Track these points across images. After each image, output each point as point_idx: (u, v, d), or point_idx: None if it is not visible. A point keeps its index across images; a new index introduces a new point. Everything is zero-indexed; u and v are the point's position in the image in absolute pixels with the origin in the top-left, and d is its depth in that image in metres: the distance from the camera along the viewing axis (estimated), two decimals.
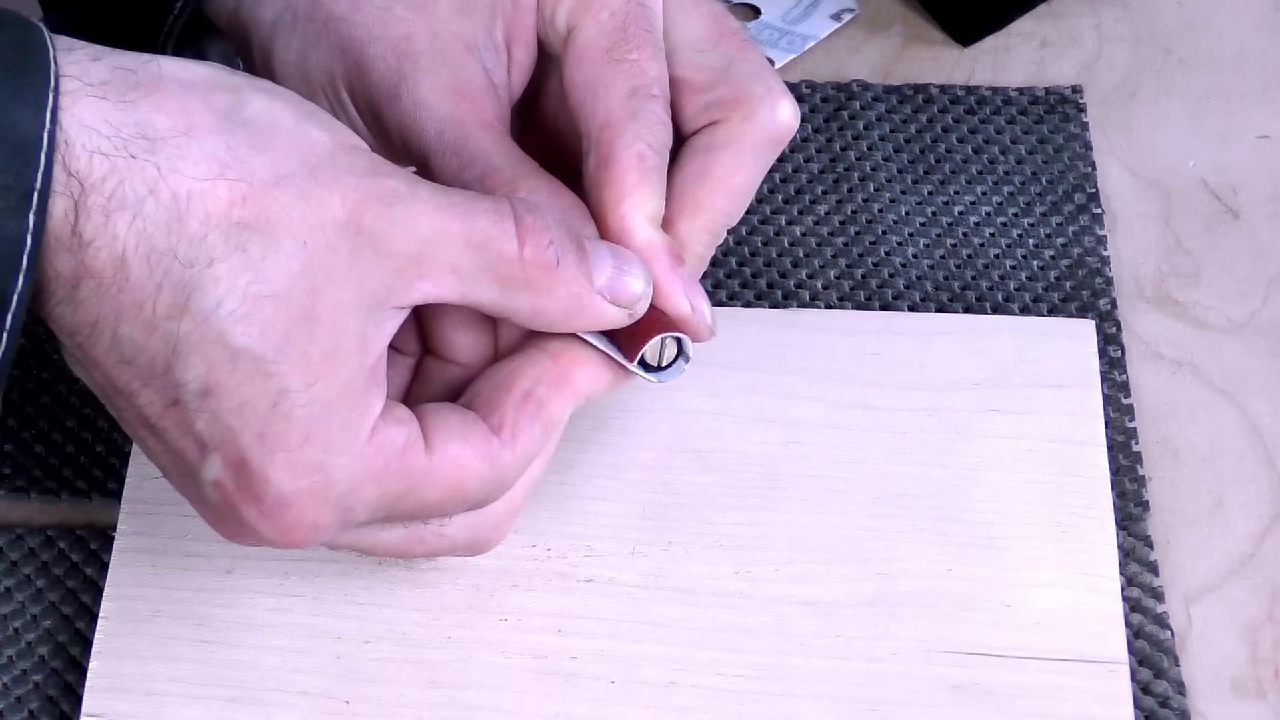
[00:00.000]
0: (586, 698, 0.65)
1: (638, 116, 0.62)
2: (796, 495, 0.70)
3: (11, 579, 0.69)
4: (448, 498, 0.60)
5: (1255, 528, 0.71)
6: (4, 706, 0.66)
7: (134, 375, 0.57)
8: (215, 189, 0.55)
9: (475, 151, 0.62)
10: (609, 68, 0.62)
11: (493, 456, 0.60)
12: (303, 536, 0.58)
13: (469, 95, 0.63)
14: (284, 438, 0.57)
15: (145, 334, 0.56)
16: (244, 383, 0.56)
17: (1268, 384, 0.75)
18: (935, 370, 0.73)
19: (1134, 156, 0.83)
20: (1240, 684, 0.68)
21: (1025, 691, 0.65)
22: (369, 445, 0.58)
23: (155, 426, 0.58)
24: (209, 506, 0.59)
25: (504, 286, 0.59)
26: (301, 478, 0.57)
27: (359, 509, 0.59)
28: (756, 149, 0.63)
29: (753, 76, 0.64)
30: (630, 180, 0.62)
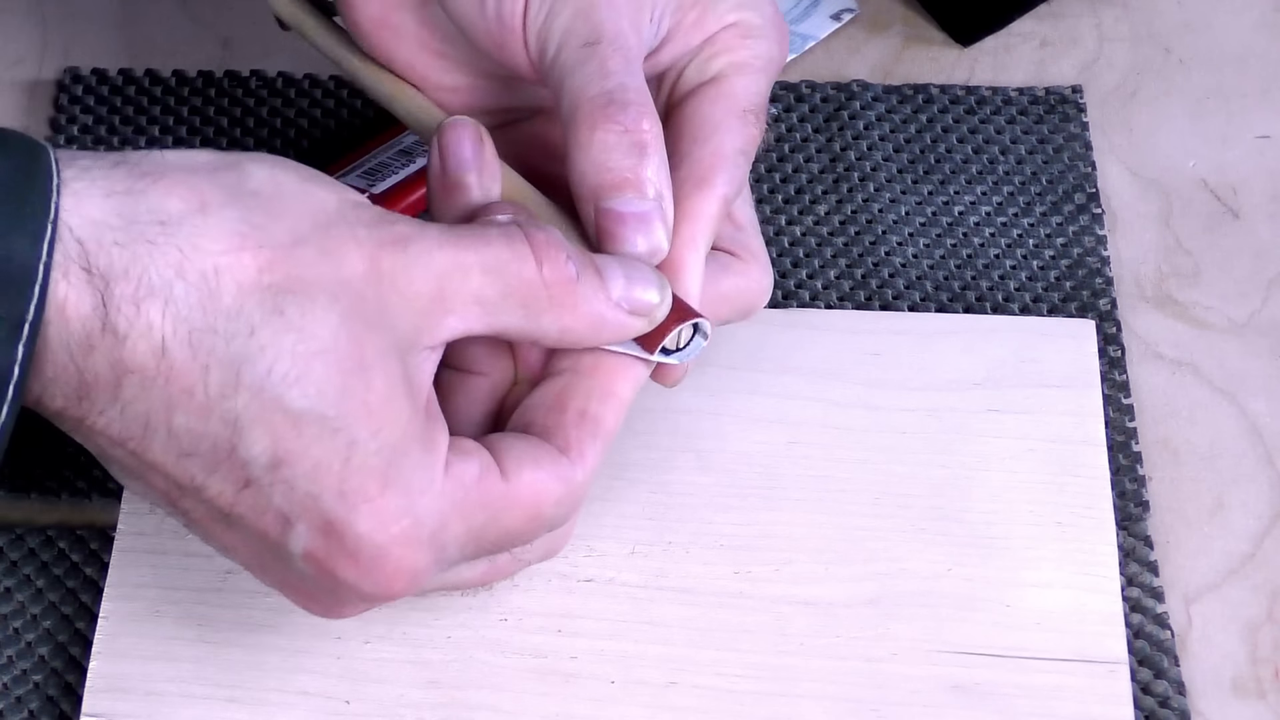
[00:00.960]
0: (586, 698, 0.65)
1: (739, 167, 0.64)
2: (796, 495, 0.70)
3: (11, 579, 0.69)
4: (528, 523, 0.60)
5: (1255, 528, 0.71)
6: (4, 706, 0.66)
7: (198, 467, 0.56)
8: (240, 259, 0.56)
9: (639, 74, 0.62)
10: (739, 120, 0.64)
11: (566, 477, 0.60)
12: (404, 585, 0.58)
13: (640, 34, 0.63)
14: (364, 489, 0.57)
15: (202, 419, 0.56)
16: (312, 444, 0.56)
17: (1268, 384, 0.75)
18: (935, 370, 0.73)
19: (1134, 156, 0.83)
20: (1240, 684, 0.68)
21: (1025, 691, 0.65)
22: (447, 481, 0.58)
23: (231, 515, 0.57)
24: (304, 581, 0.59)
25: (529, 309, 0.59)
26: (392, 524, 0.57)
27: (450, 546, 0.59)
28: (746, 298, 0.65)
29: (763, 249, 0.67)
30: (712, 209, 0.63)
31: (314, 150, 0.82)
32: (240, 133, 0.83)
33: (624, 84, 0.61)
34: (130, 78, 0.85)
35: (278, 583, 0.60)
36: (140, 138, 0.83)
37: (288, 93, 0.84)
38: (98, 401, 0.56)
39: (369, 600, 0.59)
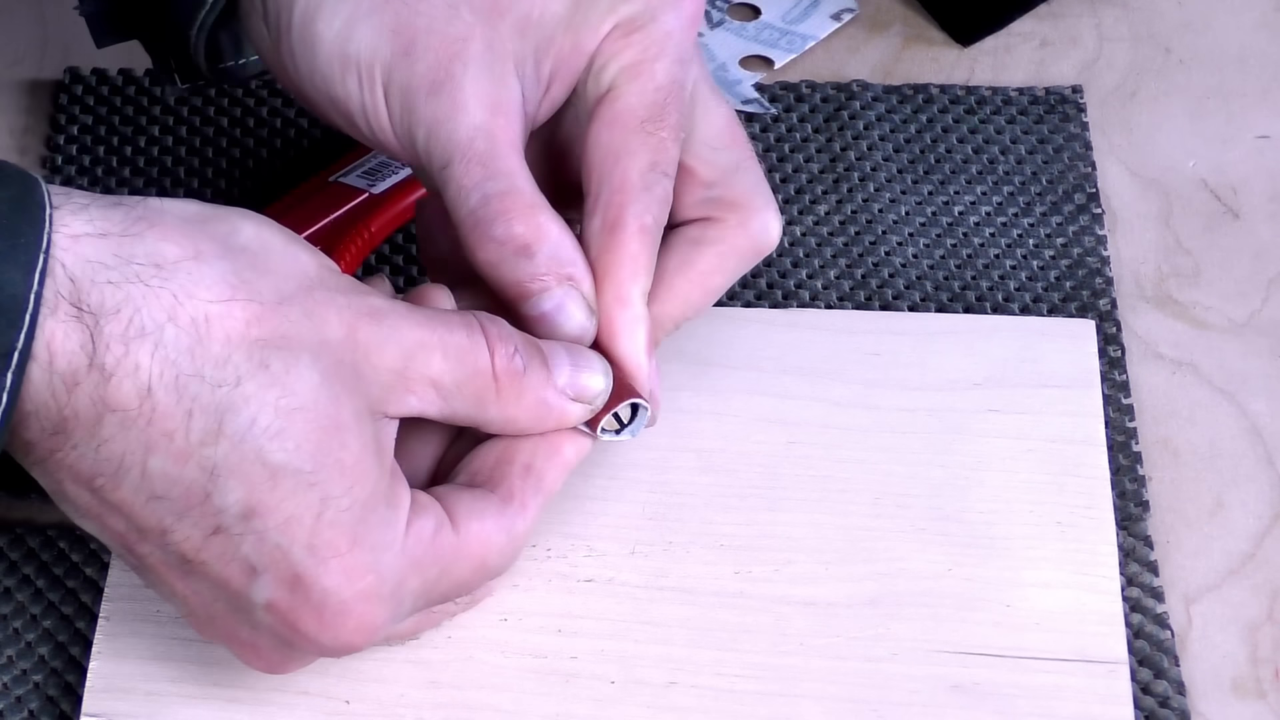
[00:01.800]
0: (586, 698, 0.65)
1: (650, 191, 0.63)
2: (796, 495, 0.70)
3: (11, 579, 0.69)
4: (474, 573, 0.62)
5: (1255, 528, 0.71)
6: (4, 706, 0.66)
7: (167, 510, 0.57)
8: (231, 310, 0.56)
9: (503, 167, 0.63)
10: (639, 138, 0.64)
11: (509, 528, 0.62)
12: (361, 640, 0.59)
13: (505, 113, 0.64)
14: (333, 545, 0.57)
15: (178, 464, 0.56)
16: (286, 498, 0.57)
17: (1268, 384, 0.75)
18: (935, 370, 0.73)
19: (1134, 156, 0.83)
20: (1240, 684, 0.68)
21: (1025, 691, 0.65)
22: (408, 537, 0.59)
23: (194, 562, 0.58)
24: (256, 634, 0.59)
25: (478, 400, 0.61)
26: (358, 580, 0.58)
27: (405, 601, 0.60)
28: (741, 255, 0.66)
29: (755, 186, 0.66)
30: (632, 249, 0.63)
31: (314, 150, 0.82)
32: (240, 133, 0.83)
33: (485, 197, 0.62)
34: (130, 78, 0.85)
35: (224, 635, 0.60)
36: (140, 138, 0.83)
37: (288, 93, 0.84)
38: (72, 437, 0.56)
39: (321, 653, 0.60)
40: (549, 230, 0.63)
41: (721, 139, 0.66)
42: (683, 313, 0.66)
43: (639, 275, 0.63)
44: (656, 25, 0.64)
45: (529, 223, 0.62)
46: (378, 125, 0.64)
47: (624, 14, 0.64)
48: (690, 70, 0.65)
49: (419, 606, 0.62)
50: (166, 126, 0.83)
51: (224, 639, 0.61)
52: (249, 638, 0.60)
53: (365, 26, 0.64)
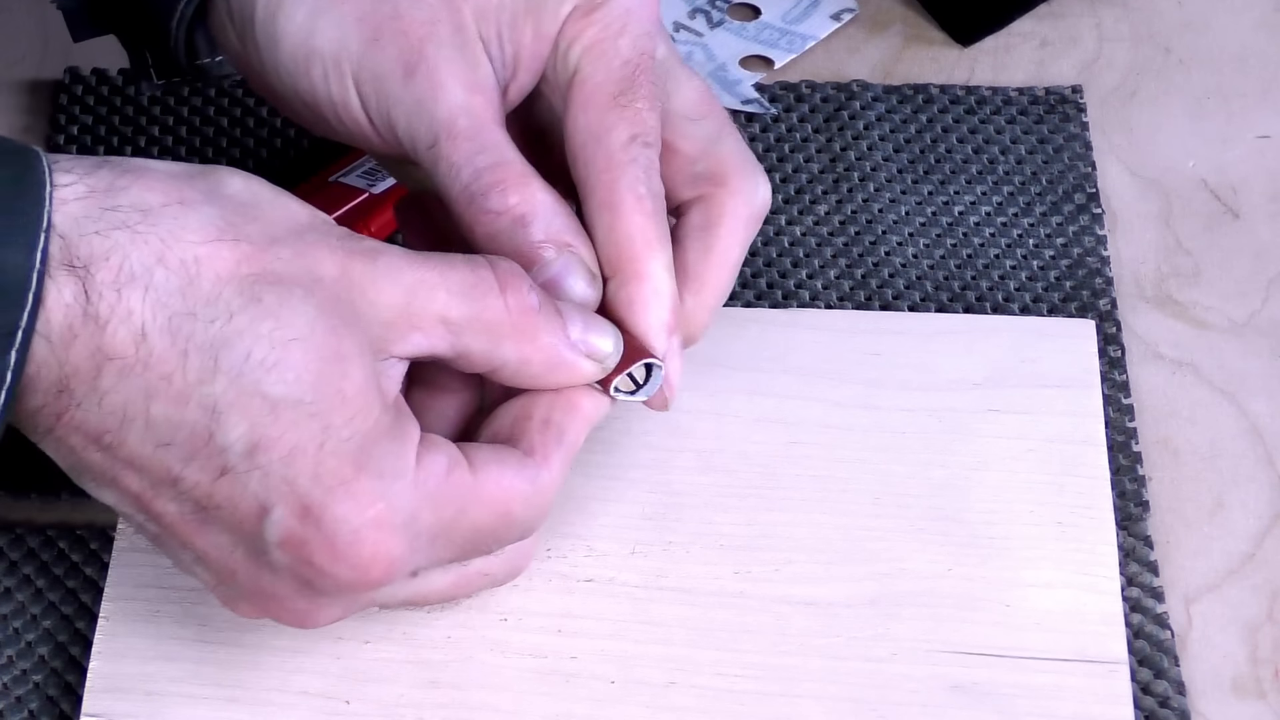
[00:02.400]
0: (586, 698, 0.65)
1: (637, 160, 0.63)
2: (796, 495, 0.70)
3: (11, 579, 0.69)
4: (497, 520, 0.61)
5: (1255, 528, 0.71)
6: (4, 706, 0.66)
7: (175, 457, 0.57)
8: (219, 250, 0.56)
9: (490, 141, 0.63)
10: (613, 112, 0.63)
11: (532, 477, 0.61)
12: (380, 572, 0.58)
13: (483, 91, 0.64)
14: (338, 472, 0.57)
15: (179, 407, 0.56)
16: (288, 429, 0.56)
17: (1268, 384, 0.75)
18: (935, 370, 0.73)
19: (1134, 156, 0.83)
20: (1240, 684, 0.68)
21: (1025, 691, 0.65)
22: (418, 470, 0.59)
23: (207, 509, 0.58)
24: (278, 580, 0.59)
25: (492, 334, 0.60)
26: (368, 507, 0.57)
27: (422, 537, 0.59)
28: (746, 223, 0.65)
29: (738, 152, 0.66)
30: (638, 222, 0.63)
31: (314, 150, 0.82)
32: (240, 132, 0.83)
33: (477, 170, 0.62)
34: (130, 78, 0.85)
35: (249, 592, 0.60)
36: (140, 138, 0.83)
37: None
38: (76, 393, 0.56)
39: (343, 591, 0.59)
40: (543, 199, 0.63)
41: (698, 109, 0.66)
42: (718, 296, 0.65)
43: (652, 246, 0.63)
44: (614, 3, 0.64)
45: (523, 192, 0.62)
46: (349, 117, 0.64)
47: None
48: (657, 42, 0.65)
49: (439, 550, 0.60)
50: (166, 126, 0.83)
51: (249, 596, 0.60)
52: (271, 586, 0.59)
53: (328, 19, 0.64)
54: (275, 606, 0.60)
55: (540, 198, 0.62)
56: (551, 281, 0.62)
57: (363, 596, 0.60)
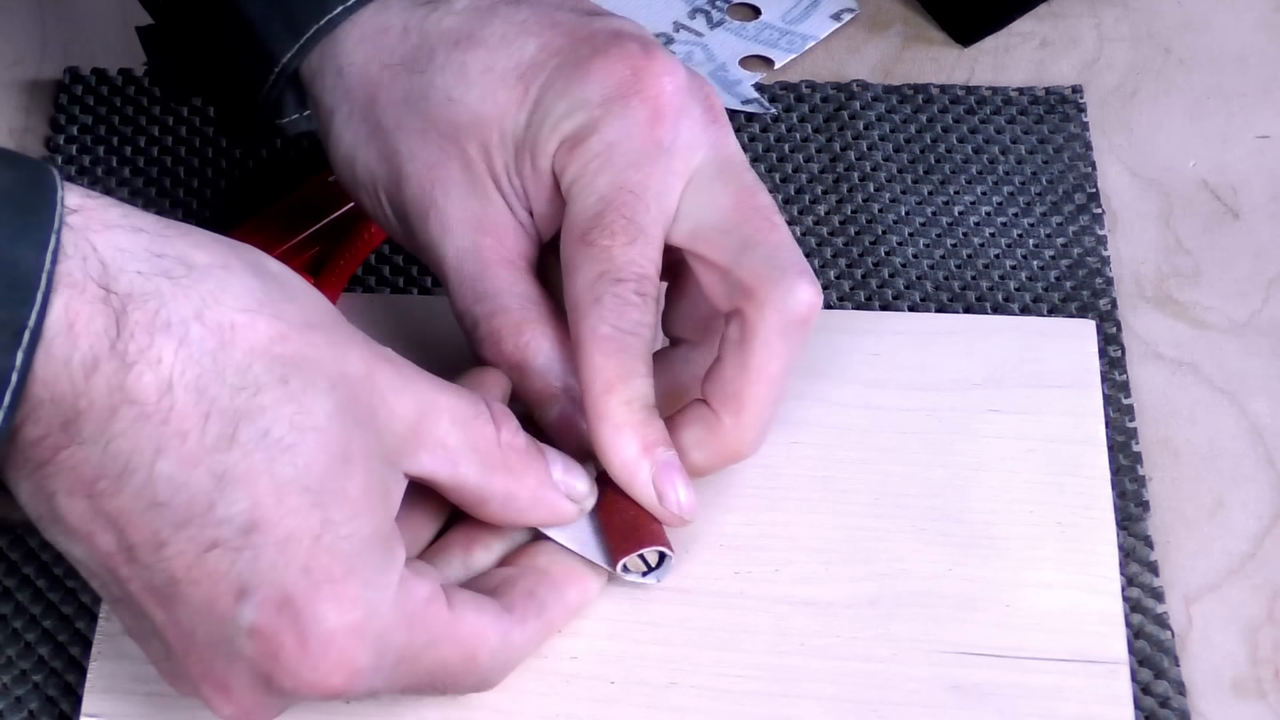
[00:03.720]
0: (586, 698, 0.65)
1: (601, 300, 0.64)
2: (796, 495, 0.70)
3: (11, 579, 0.69)
4: (462, 663, 0.61)
5: (1255, 528, 0.71)
6: (4, 706, 0.66)
7: (167, 520, 0.56)
8: (256, 322, 0.56)
9: (489, 288, 0.66)
10: (581, 249, 0.65)
11: (505, 631, 0.62)
12: (340, 681, 0.58)
13: (492, 229, 0.66)
14: (329, 570, 0.57)
15: (187, 469, 0.55)
16: (289, 515, 0.56)
17: (1268, 384, 0.75)
18: (935, 370, 0.73)
19: (1134, 156, 0.83)
20: (1240, 684, 0.68)
21: (1025, 691, 0.65)
22: (401, 590, 0.59)
23: (182, 582, 0.56)
24: (235, 667, 0.58)
25: (485, 466, 0.61)
26: (347, 612, 0.57)
27: (388, 655, 0.59)
28: (784, 334, 0.64)
29: (769, 260, 0.65)
30: (595, 362, 0.64)
31: (314, 149, 0.82)
32: None
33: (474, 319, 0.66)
34: (130, 78, 0.85)
35: (198, 673, 0.58)
36: (140, 138, 0.83)
37: None
38: (83, 430, 0.55)
39: (296, 690, 0.58)
40: (538, 347, 0.65)
41: (727, 220, 0.65)
42: (762, 410, 0.65)
43: (612, 385, 0.64)
44: (597, 137, 0.65)
45: (516, 342, 0.65)
46: (392, 232, 0.69)
47: (566, 130, 0.65)
48: (657, 170, 0.65)
49: (400, 677, 0.60)
50: (166, 126, 0.83)
51: (197, 677, 0.59)
52: (223, 674, 0.58)
53: (363, 154, 0.68)
54: (220, 696, 0.59)
55: (534, 345, 0.65)
56: (554, 425, 0.66)
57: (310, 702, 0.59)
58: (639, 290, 0.64)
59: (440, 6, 0.67)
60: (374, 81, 0.67)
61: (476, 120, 0.66)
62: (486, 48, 0.66)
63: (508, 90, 0.66)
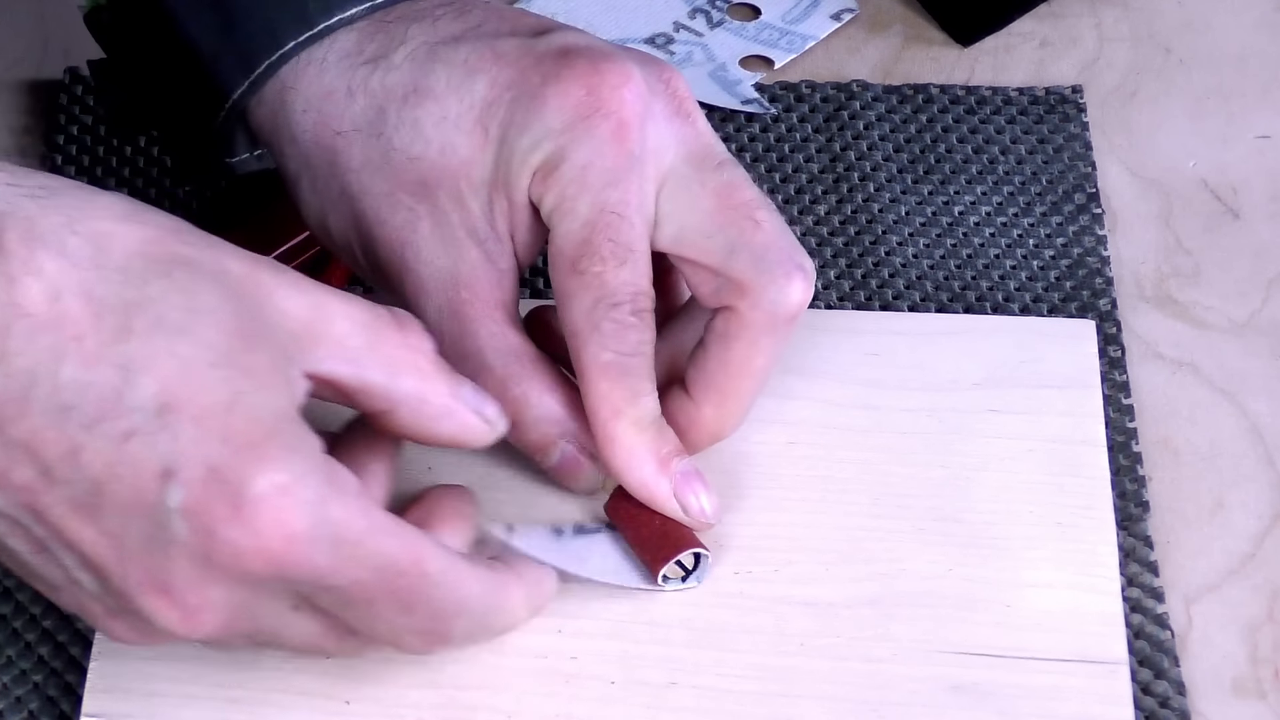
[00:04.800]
0: (586, 698, 0.65)
1: (600, 328, 0.65)
2: (796, 495, 0.70)
3: (11, 579, 0.69)
4: (413, 567, 0.59)
5: (1255, 528, 0.71)
6: (4, 706, 0.66)
7: (78, 423, 0.56)
8: (128, 229, 0.57)
9: (469, 348, 0.66)
10: (574, 279, 0.65)
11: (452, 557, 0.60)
12: (280, 544, 0.56)
13: (467, 284, 0.66)
14: (248, 435, 0.56)
15: (90, 367, 0.56)
16: (198, 391, 0.56)
17: (1268, 384, 0.75)
18: (935, 370, 0.73)
19: (1134, 156, 0.83)
20: (1240, 684, 0.68)
21: (1025, 692, 0.65)
22: (327, 464, 0.58)
23: (105, 484, 0.56)
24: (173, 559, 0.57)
25: (391, 367, 0.60)
26: (273, 472, 0.56)
27: (325, 528, 0.57)
28: (769, 332, 0.65)
29: (756, 261, 0.65)
30: (601, 389, 0.65)
31: None
32: None
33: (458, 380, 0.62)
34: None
35: (137, 583, 0.57)
36: (140, 138, 0.83)
37: None
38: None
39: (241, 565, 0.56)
40: (525, 401, 0.66)
41: (710, 222, 0.66)
42: (741, 402, 0.67)
43: (618, 410, 0.65)
44: (568, 164, 0.65)
45: (505, 399, 0.64)
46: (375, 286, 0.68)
47: (536, 161, 0.65)
48: (634, 183, 0.65)
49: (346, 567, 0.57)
50: None
51: (135, 589, 0.57)
52: (162, 571, 0.57)
53: (333, 218, 0.68)
54: (163, 600, 0.57)
55: (523, 399, 0.65)
56: (556, 470, 0.67)
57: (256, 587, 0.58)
58: (635, 309, 0.65)
59: (380, 64, 0.66)
60: (330, 149, 0.67)
61: (442, 173, 0.66)
62: (434, 97, 0.66)
63: (466, 136, 0.65)
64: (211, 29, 0.67)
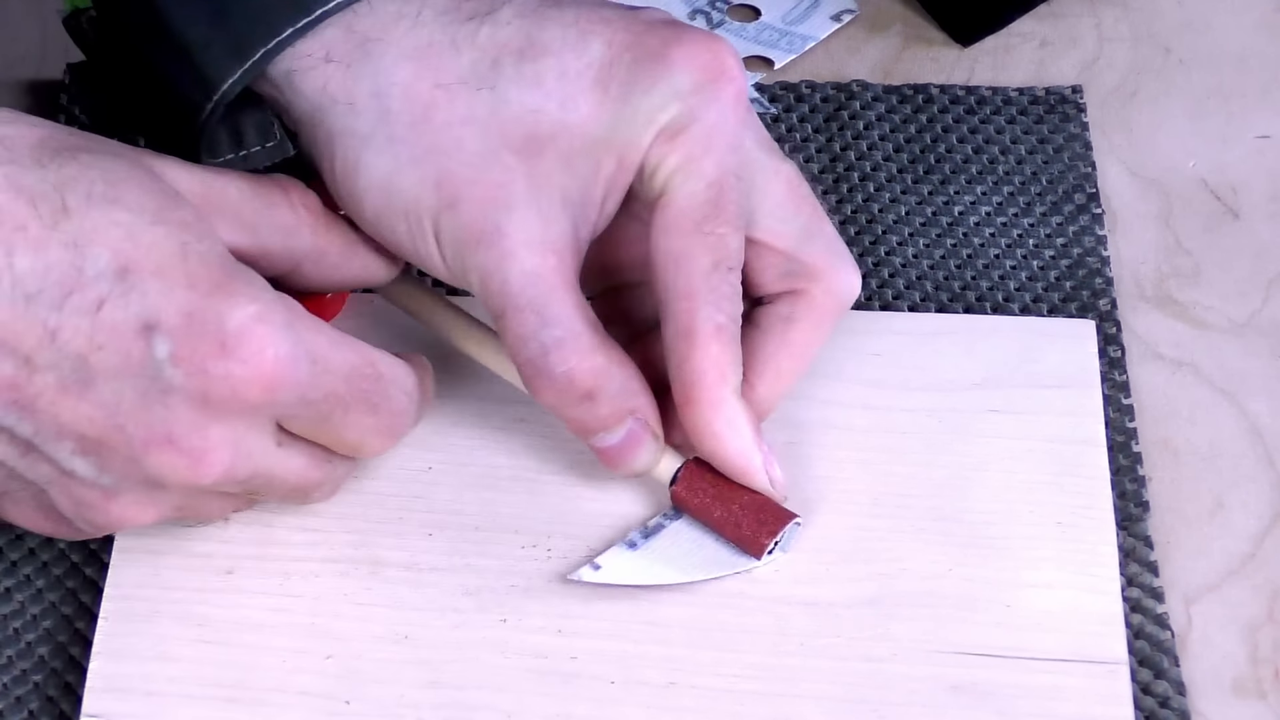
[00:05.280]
0: (586, 698, 0.65)
1: (717, 290, 0.65)
2: (796, 495, 0.70)
3: (11, 579, 0.69)
4: (368, 372, 0.62)
5: (1255, 528, 0.71)
6: (4, 706, 0.66)
7: (48, 306, 0.57)
8: (22, 129, 0.60)
9: (557, 313, 0.64)
10: (697, 239, 0.65)
11: (378, 354, 0.63)
12: (271, 367, 0.59)
13: (556, 251, 0.64)
14: (210, 278, 0.59)
15: (43, 252, 0.57)
16: (149, 249, 0.58)
17: (1268, 384, 0.75)
18: (935, 370, 0.73)
19: (1134, 156, 0.83)
20: (1240, 684, 0.68)
21: (1025, 691, 0.65)
22: (280, 295, 0.61)
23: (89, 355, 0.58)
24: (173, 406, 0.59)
25: (286, 230, 0.63)
26: (245, 305, 0.59)
27: (303, 346, 0.60)
28: (834, 314, 0.68)
29: (829, 247, 0.68)
30: (713, 352, 0.65)
31: None
32: None
33: (542, 346, 0.64)
34: None
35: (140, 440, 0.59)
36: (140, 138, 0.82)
37: None
38: None
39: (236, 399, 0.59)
40: (610, 373, 0.65)
41: (787, 207, 0.67)
42: (790, 383, 0.68)
43: (726, 376, 0.65)
44: (699, 124, 0.65)
45: (590, 367, 0.64)
46: (431, 265, 0.66)
47: (664, 121, 0.65)
48: (744, 154, 0.65)
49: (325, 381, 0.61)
50: None
51: (141, 449, 0.59)
52: (163, 423, 0.59)
53: (408, 179, 0.64)
54: (169, 451, 0.60)
55: (608, 371, 0.65)
56: (615, 449, 0.66)
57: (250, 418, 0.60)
58: (739, 278, 0.66)
59: (487, 20, 0.65)
60: (425, 102, 0.64)
61: (560, 128, 0.64)
62: (552, 53, 0.64)
63: (586, 93, 0.64)
64: (201, 19, 0.66)
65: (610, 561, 0.67)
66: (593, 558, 0.68)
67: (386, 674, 0.65)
